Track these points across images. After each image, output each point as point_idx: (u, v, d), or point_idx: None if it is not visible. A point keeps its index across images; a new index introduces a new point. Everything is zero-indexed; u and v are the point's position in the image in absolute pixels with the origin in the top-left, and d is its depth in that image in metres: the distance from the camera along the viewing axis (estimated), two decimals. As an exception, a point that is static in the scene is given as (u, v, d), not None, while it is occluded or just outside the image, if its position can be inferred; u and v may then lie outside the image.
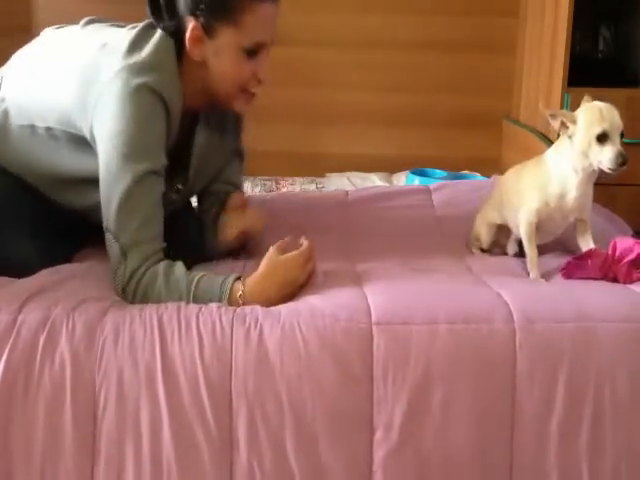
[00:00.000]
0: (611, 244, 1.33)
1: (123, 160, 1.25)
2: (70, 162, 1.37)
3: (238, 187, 1.60)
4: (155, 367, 1.10)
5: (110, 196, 1.25)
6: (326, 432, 1.09)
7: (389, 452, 1.10)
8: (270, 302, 1.20)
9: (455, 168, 2.66)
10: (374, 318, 1.13)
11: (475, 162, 2.55)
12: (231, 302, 1.21)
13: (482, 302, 1.18)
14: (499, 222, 1.52)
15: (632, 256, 1.30)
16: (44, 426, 1.09)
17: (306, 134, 2.92)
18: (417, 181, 2.41)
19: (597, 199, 2.00)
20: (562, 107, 2.34)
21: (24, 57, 1.47)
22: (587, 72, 2.37)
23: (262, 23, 1.33)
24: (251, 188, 2.50)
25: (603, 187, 2.32)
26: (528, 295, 1.21)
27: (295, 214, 1.74)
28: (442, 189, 1.91)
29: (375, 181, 2.59)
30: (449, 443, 1.11)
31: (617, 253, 1.31)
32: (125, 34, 1.36)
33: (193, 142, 1.44)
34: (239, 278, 1.24)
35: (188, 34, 1.31)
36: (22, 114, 1.39)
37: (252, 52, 1.33)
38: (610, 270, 1.31)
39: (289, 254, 1.26)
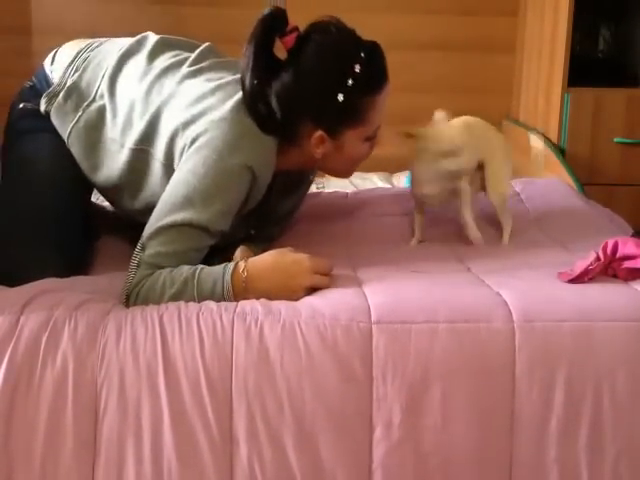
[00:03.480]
0: (607, 244, 1.32)
1: (185, 202, 1.25)
2: (151, 188, 1.38)
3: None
4: (156, 366, 1.10)
5: (160, 217, 1.25)
6: (326, 430, 1.10)
7: (389, 450, 1.11)
8: (270, 285, 1.21)
9: (455, 168, 2.65)
10: (374, 317, 1.14)
11: (475, 162, 2.58)
12: (234, 278, 1.21)
13: (481, 301, 1.19)
14: None
15: (636, 265, 1.29)
16: (45, 425, 1.09)
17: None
18: (417, 181, 2.41)
19: (597, 199, 2.01)
20: (562, 107, 2.34)
21: (129, 64, 1.46)
22: (587, 72, 2.37)
23: (381, 109, 1.37)
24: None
25: (603, 187, 2.34)
26: (527, 294, 1.21)
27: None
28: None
29: (375, 181, 2.58)
30: (448, 442, 1.11)
31: (619, 254, 1.31)
32: (238, 82, 1.35)
33: (271, 196, 1.45)
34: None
35: (313, 141, 1.33)
36: (117, 125, 1.40)
37: (372, 136, 1.38)
38: (610, 267, 1.30)
39: (300, 253, 1.26)
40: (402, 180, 2.58)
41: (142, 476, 1.09)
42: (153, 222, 1.26)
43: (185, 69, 1.42)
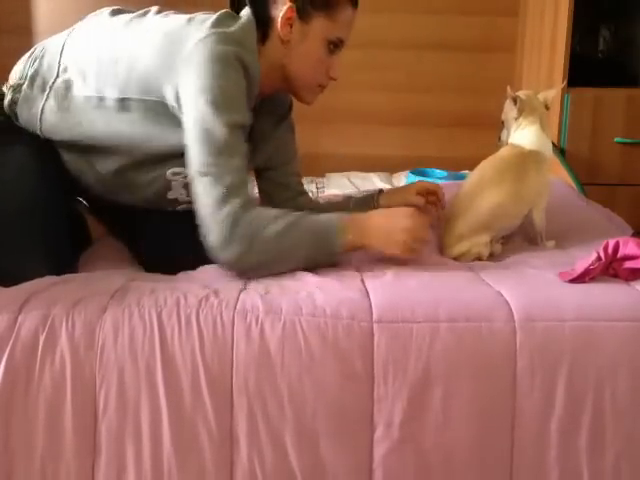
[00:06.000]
0: (608, 244, 1.32)
1: (217, 111, 1.29)
2: (139, 134, 1.39)
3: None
4: (155, 364, 1.10)
5: (206, 144, 1.29)
6: (326, 429, 1.10)
7: (389, 450, 1.11)
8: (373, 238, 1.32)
9: (455, 168, 2.66)
10: (375, 316, 1.13)
11: (475, 162, 2.57)
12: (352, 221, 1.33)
13: (483, 301, 1.18)
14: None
15: (637, 265, 1.29)
16: (45, 425, 1.09)
17: (306, 134, 2.91)
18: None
19: (597, 199, 2.01)
20: (562, 107, 2.34)
21: (90, 29, 1.48)
22: (587, 72, 2.38)
23: (348, 23, 1.46)
24: (251, 189, 2.49)
25: (603, 187, 2.34)
26: (528, 294, 1.21)
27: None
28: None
29: (375, 181, 2.59)
30: (449, 441, 1.11)
31: (620, 254, 1.30)
32: (209, 15, 1.42)
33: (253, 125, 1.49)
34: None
35: (282, 12, 1.39)
36: (89, 84, 1.40)
37: (333, 47, 1.44)
38: (611, 267, 1.30)
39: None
40: (402, 180, 2.58)
41: (142, 474, 1.09)
42: (202, 152, 1.29)
43: (151, 15, 1.47)
